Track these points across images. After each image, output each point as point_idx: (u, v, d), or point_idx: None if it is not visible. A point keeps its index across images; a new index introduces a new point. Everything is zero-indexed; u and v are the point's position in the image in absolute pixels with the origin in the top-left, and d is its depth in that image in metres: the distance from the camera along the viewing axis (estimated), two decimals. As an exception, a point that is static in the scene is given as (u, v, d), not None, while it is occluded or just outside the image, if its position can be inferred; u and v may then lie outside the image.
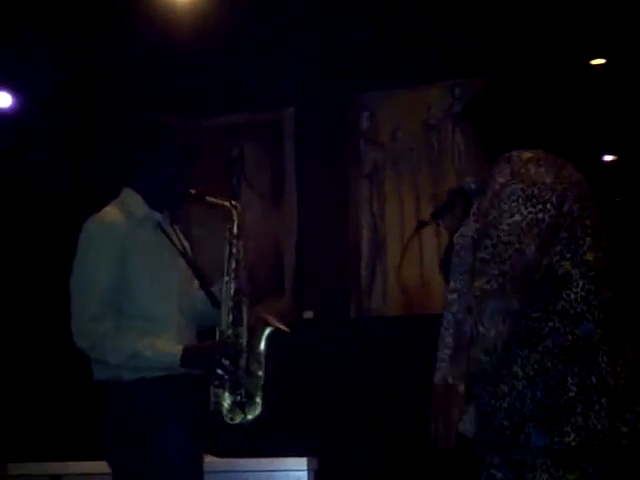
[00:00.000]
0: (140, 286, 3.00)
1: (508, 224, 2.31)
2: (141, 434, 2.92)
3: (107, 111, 5.10)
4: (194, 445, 3.02)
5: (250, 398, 3.07)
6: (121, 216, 3.06)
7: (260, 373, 3.12)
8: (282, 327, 3.20)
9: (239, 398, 3.05)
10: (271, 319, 3.21)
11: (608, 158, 4.76)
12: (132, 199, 3.11)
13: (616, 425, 2.28)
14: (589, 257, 2.36)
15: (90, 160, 5.13)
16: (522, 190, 2.33)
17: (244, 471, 3.70)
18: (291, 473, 3.66)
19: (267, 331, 3.18)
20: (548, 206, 2.32)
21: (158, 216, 3.14)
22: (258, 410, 3.08)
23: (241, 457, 3.83)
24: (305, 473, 3.65)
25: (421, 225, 2.87)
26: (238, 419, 3.06)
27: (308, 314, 4.97)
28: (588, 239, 2.38)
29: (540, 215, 2.31)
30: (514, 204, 2.32)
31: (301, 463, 3.66)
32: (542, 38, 4.46)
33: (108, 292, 2.97)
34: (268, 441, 4.01)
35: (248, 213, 5.03)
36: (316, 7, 4.88)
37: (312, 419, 4.70)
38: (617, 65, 4.57)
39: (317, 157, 5.13)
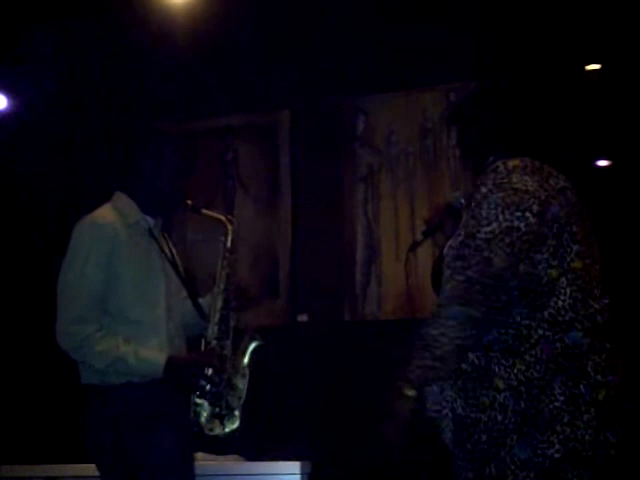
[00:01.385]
0: (128, 290, 3.00)
1: (485, 232, 2.29)
2: (128, 436, 2.92)
3: (102, 113, 5.09)
4: (183, 447, 3.02)
5: (230, 411, 3.08)
6: (114, 218, 3.06)
7: (242, 386, 3.12)
8: (265, 342, 3.22)
9: (219, 410, 3.06)
10: (256, 333, 3.23)
11: (603, 164, 4.77)
12: (125, 203, 3.11)
13: (605, 435, 2.25)
14: (577, 264, 2.33)
15: (84, 164, 5.12)
16: (502, 199, 2.31)
17: (237, 474, 3.69)
18: (284, 477, 3.65)
19: (252, 345, 3.20)
20: (527, 214, 2.29)
21: (150, 222, 3.14)
22: (237, 423, 3.09)
23: (234, 460, 3.83)
24: (298, 477, 3.64)
25: (414, 246, 2.88)
26: (217, 431, 3.06)
27: (302, 317, 4.96)
28: (576, 246, 2.34)
29: (516, 223, 2.28)
30: (492, 212, 2.30)
31: (294, 467, 3.66)
32: (537, 43, 4.46)
33: (96, 294, 2.96)
34: (261, 444, 4.02)
35: (243, 216, 5.07)
36: (312, 10, 4.88)
37: (306, 422, 4.69)
38: (612, 71, 4.57)
39: (312, 160, 5.13)
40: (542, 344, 2.27)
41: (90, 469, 3.12)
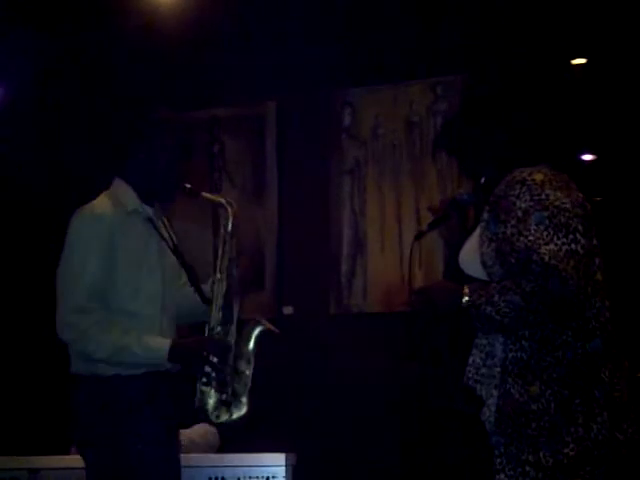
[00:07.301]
0: (124, 281, 2.98)
1: (547, 250, 2.30)
2: (116, 429, 2.91)
3: (90, 104, 5.09)
4: (171, 442, 3.02)
5: (236, 397, 3.05)
6: (111, 208, 3.02)
7: (247, 372, 3.10)
8: (272, 327, 3.19)
9: (225, 397, 3.03)
10: (262, 319, 3.20)
11: (588, 157, 4.79)
12: (123, 191, 3.08)
13: (614, 435, 2.32)
14: (599, 277, 2.40)
15: (75, 153, 5.11)
16: (549, 219, 2.33)
17: (222, 466, 3.70)
18: (269, 468, 3.66)
19: (257, 330, 3.15)
20: (578, 236, 2.33)
21: (149, 210, 3.11)
22: (244, 410, 3.06)
23: (220, 452, 3.84)
24: (283, 468, 3.65)
25: (419, 235, 2.89)
26: (224, 418, 3.04)
27: (288, 309, 4.97)
28: (597, 259, 2.40)
29: (573, 246, 2.31)
30: (545, 233, 2.32)
31: (279, 458, 3.66)
32: (523, 37, 4.48)
33: (96, 285, 2.94)
34: (247, 436, 4.02)
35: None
36: (299, 3, 4.88)
37: (290, 414, 4.70)
38: (598, 65, 4.59)
39: (298, 152, 5.13)
40: (564, 348, 2.35)
41: (74, 461, 3.12)
